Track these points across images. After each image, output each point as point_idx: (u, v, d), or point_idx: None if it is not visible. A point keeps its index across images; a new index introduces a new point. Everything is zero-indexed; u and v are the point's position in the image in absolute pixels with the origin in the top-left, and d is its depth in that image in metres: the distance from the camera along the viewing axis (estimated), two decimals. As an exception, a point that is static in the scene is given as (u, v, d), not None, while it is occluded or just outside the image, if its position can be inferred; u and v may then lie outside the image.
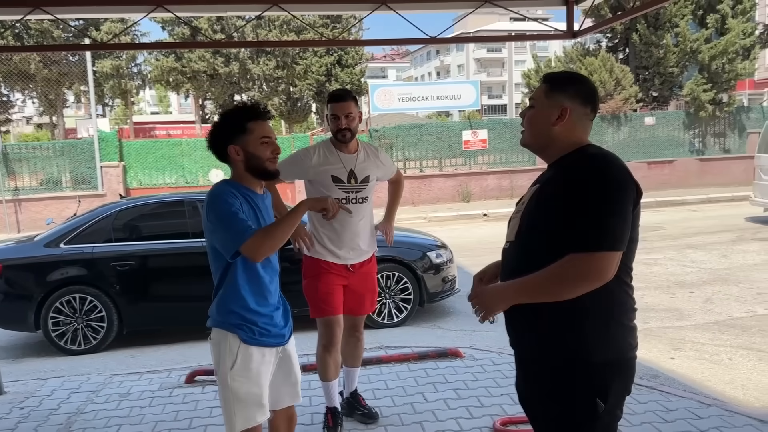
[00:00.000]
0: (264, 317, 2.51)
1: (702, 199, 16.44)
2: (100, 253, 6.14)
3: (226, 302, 2.47)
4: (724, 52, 19.13)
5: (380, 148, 3.90)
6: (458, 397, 4.23)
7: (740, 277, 7.84)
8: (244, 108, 2.53)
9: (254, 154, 2.47)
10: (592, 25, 4.74)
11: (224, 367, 2.45)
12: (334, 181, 3.57)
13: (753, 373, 4.72)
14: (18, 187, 15.92)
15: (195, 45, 17.25)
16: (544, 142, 2.05)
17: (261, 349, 2.50)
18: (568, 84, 2.03)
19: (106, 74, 32.71)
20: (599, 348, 1.90)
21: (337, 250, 3.60)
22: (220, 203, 2.39)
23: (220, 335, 2.48)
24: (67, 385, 4.87)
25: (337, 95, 3.62)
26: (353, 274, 3.69)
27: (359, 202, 3.64)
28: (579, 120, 2.01)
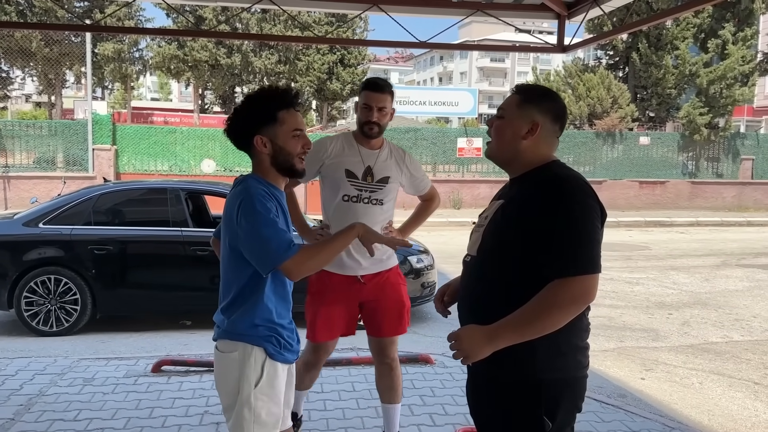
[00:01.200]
0: (287, 330, 2.27)
1: (691, 222, 16.51)
2: (78, 235, 6.08)
3: (252, 314, 2.18)
4: (722, 77, 19.23)
5: (408, 153, 3.41)
6: (423, 404, 4.21)
7: (720, 302, 7.85)
8: (276, 94, 2.21)
9: (284, 149, 2.19)
10: (582, 41, 4.74)
11: (247, 385, 2.16)
12: (347, 175, 3.13)
13: (721, 399, 4.71)
14: (8, 164, 15.83)
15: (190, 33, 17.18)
16: (510, 155, 2.01)
17: (284, 365, 2.27)
18: (541, 98, 1.99)
19: (108, 57, 32.60)
20: (549, 366, 1.88)
21: (344, 257, 3.13)
22: (256, 208, 2.08)
23: (243, 350, 2.18)
24: (32, 366, 4.82)
25: (374, 84, 3.14)
26: (365, 287, 3.20)
27: (372, 203, 3.16)
28: (548, 136, 1.98)
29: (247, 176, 2.25)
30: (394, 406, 3.45)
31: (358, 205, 3.14)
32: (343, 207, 3.15)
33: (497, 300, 1.92)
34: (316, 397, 4.30)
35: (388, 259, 3.28)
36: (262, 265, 2.10)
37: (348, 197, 3.13)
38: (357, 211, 3.12)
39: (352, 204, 3.14)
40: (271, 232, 2.06)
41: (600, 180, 18.60)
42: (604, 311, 7.29)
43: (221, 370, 2.23)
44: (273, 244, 2.05)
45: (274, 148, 2.19)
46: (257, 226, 2.07)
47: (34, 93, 49.94)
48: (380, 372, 3.41)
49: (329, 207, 3.22)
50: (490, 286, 1.95)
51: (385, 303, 3.23)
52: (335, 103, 36.90)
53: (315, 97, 35.55)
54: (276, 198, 2.21)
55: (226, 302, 2.23)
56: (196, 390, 4.37)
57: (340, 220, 3.10)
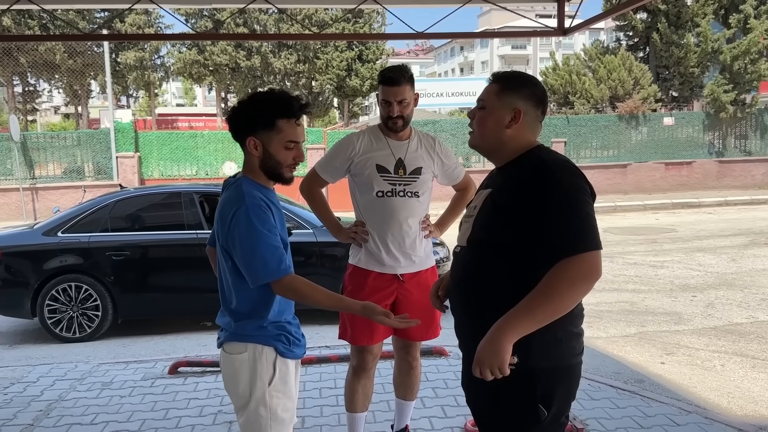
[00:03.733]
0: (293, 326, 2.29)
1: (719, 202, 16.17)
2: (96, 242, 6.19)
3: (260, 315, 2.18)
4: (746, 52, 18.75)
5: (438, 140, 3.25)
6: (435, 396, 4.20)
7: (747, 282, 7.68)
8: (279, 100, 2.15)
9: (274, 157, 2.17)
10: (582, 22, 4.65)
11: (261, 383, 2.17)
12: (379, 171, 3.00)
13: (743, 381, 4.61)
14: (35, 176, 16.18)
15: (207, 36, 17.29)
16: (494, 145, 1.98)
17: (293, 361, 2.27)
18: (521, 85, 1.95)
19: (130, 66, 33.12)
20: (544, 354, 1.85)
21: (383, 254, 3.03)
22: (252, 222, 2.07)
23: (253, 350, 2.17)
24: (54, 372, 4.93)
25: (389, 78, 2.95)
26: (403, 285, 3.07)
27: (408, 196, 3.02)
28: (531, 122, 1.95)
29: (240, 179, 2.22)
30: (408, 403, 3.43)
31: (395, 200, 3.01)
32: (378, 203, 3.02)
33: (488, 290, 1.91)
34: (330, 392, 4.33)
35: (427, 257, 3.17)
36: (251, 279, 2.11)
37: (382, 193, 3.01)
38: (395, 205, 3.01)
39: (387, 199, 3.01)
40: (267, 250, 2.07)
41: (625, 163, 18.31)
42: (627, 296, 7.18)
43: (230, 371, 2.23)
44: (266, 263, 2.07)
45: (264, 153, 2.17)
46: (253, 241, 2.07)
47: (62, 105, 50.98)
48: (400, 367, 3.34)
49: (363, 204, 3.09)
50: (480, 276, 1.93)
51: (416, 306, 3.05)
52: (356, 100, 36.96)
53: (335, 94, 35.63)
54: (269, 199, 2.20)
55: (231, 305, 2.23)
56: (212, 390, 4.42)
57: (378, 217, 3.03)
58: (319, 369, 4.78)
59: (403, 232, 3.04)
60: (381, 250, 3.05)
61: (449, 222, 3.37)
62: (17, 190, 15.50)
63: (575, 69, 20.86)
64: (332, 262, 6.23)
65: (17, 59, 28.81)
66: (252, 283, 2.11)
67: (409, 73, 3.01)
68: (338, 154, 3.09)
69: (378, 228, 3.05)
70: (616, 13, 4.32)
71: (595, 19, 4.52)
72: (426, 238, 3.15)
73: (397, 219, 3.02)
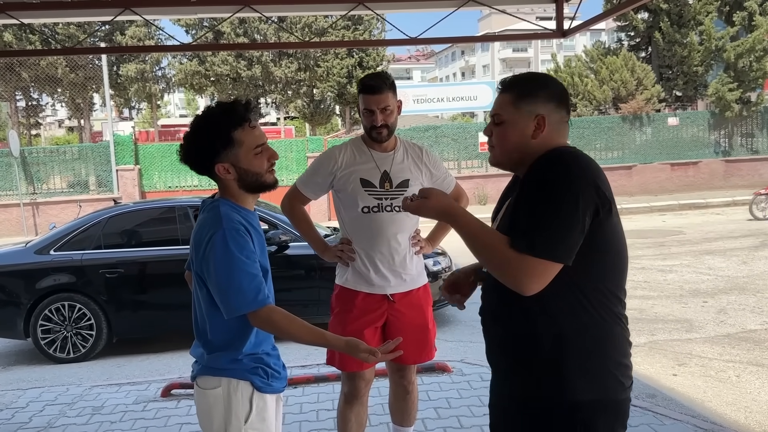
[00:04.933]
0: (272, 357, 2.13)
1: (727, 202, 15.94)
2: (89, 260, 6.05)
3: (235, 346, 2.03)
4: (751, 49, 18.53)
5: (426, 149, 3.09)
6: (438, 417, 4.02)
7: (759, 286, 7.47)
8: (225, 114, 1.99)
9: (250, 170, 2.01)
10: (581, 23, 4.49)
11: (236, 421, 2.01)
12: (364, 185, 2.84)
13: (760, 393, 4.41)
14: (36, 191, 16.09)
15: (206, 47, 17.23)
16: (519, 157, 1.78)
17: (272, 396, 2.11)
18: (537, 88, 1.76)
19: (131, 78, 33.14)
20: (582, 387, 1.67)
21: (372, 273, 2.87)
22: (230, 248, 1.92)
23: (228, 385, 2.02)
24: (44, 397, 4.77)
25: (370, 85, 2.80)
26: (394, 305, 2.91)
27: (396, 210, 2.86)
28: (557, 126, 1.75)
29: (217, 202, 2.05)
30: (406, 429, 3.24)
31: (382, 215, 2.84)
32: (365, 220, 2.85)
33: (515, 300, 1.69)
34: (327, 414, 4.15)
35: (419, 276, 3.00)
36: (225, 309, 1.95)
37: (368, 208, 2.84)
38: (382, 221, 2.84)
39: (374, 215, 2.84)
40: (243, 279, 1.92)
41: (630, 165, 18.09)
42: (635, 303, 6.99)
43: (204, 407, 2.07)
44: (242, 292, 1.92)
45: (239, 172, 2.01)
46: (229, 268, 1.91)
47: (65, 118, 51.13)
48: (395, 393, 3.17)
49: (349, 221, 2.92)
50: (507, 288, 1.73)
51: (408, 327, 2.90)
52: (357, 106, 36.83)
53: (337, 102, 35.57)
54: (247, 220, 2.04)
55: (205, 336, 2.07)
56: (205, 413, 4.24)
57: (365, 234, 2.87)
58: (317, 389, 4.61)
59: (392, 249, 2.87)
60: (369, 269, 2.88)
61: (441, 236, 3.18)
62: (18, 205, 15.41)
63: (577, 71, 20.68)
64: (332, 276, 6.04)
65: (19, 74, 28.85)
66: (226, 314, 1.95)
67: (391, 80, 2.86)
68: (320, 169, 2.94)
69: (365, 246, 2.88)
70: (616, 13, 4.16)
71: (595, 20, 4.35)
72: (417, 255, 2.98)
73: (385, 236, 2.86)
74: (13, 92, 30.96)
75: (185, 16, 9.13)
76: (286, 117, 38.99)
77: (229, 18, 4.44)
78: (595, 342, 1.67)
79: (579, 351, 1.66)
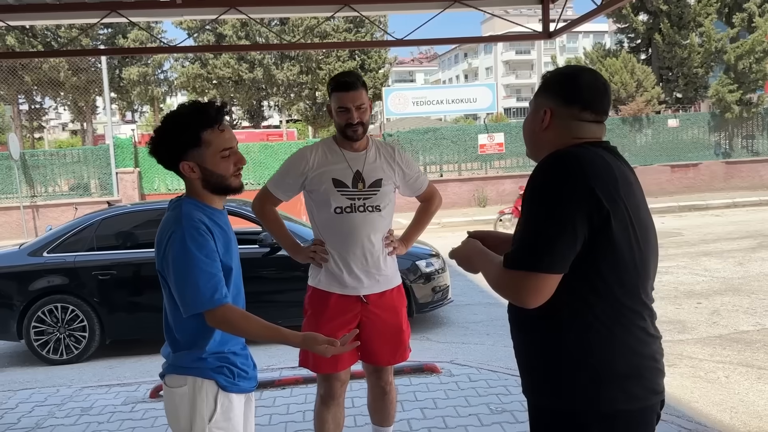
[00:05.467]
0: (240, 357, 2.13)
1: (727, 204, 15.91)
2: (82, 261, 6.07)
3: (199, 345, 2.04)
4: (751, 51, 18.51)
5: (400, 148, 3.07)
6: (423, 417, 4.02)
7: (754, 287, 7.46)
8: (196, 114, 2.02)
9: (214, 172, 2.03)
10: (566, 24, 4.49)
11: (200, 419, 2.02)
12: (336, 185, 2.81)
13: (748, 394, 4.40)
14: (36, 194, 16.15)
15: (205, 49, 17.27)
16: (535, 149, 1.79)
17: (239, 395, 2.12)
18: (552, 83, 1.76)
19: (133, 81, 33.27)
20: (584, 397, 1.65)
21: (345, 274, 2.85)
22: (188, 246, 1.93)
23: (193, 384, 2.03)
24: (34, 398, 4.79)
25: (345, 82, 2.78)
26: (367, 307, 2.89)
27: (369, 211, 2.84)
28: (567, 123, 1.71)
29: (181, 200, 2.08)
30: (386, 429, 3.24)
31: (355, 216, 2.82)
32: (337, 220, 2.83)
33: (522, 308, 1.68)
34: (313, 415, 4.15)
35: (393, 276, 2.98)
36: (182, 307, 1.97)
37: (341, 209, 2.82)
38: (355, 222, 2.82)
39: (346, 215, 2.82)
40: (201, 277, 1.93)
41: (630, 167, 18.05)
42: (629, 304, 6.98)
43: (171, 405, 2.09)
44: (198, 291, 1.92)
45: (203, 172, 2.03)
46: (187, 266, 1.93)
47: (68, 121, 51.32)
48: (373, 394, 3.16)
49: (321, 222, 2.90)
50: None
51: (382, 328, 2.92)
52: (360, 109, 36.88)
53: (339, 104, 35.60)
54: (212, 218, 2.06)
55: (171, 335, 2.09)
56: (192, 414, 4.25)
57: (338, 235, 2.84)
58: (305, 390, 4.61)
59: (365, 250, 2.85)
60: (342, 270, 2.86)
61: (414, 236, 3.17)
62: (18, 208, 15.47)
63: (577, 73, 20.67)
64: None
65: (22, 77, 28.97)
66: (183, 312, 1.96)
67: (362, 78, 2.87)
68: (291, 169, 2.90)
69: (338, 247, 2.86)
70: (601, 13, 4.16)
71: (580, 21, 4.35)
72: (390, 255, 2.97)
73: (359, 236, 2.83)
74: (15, 95, 31.06)
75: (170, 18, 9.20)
76: (289, 120, 39.05)
77: (217, 18, 4.46)
78: (593, 352, 1.63)
79: (575, 360, 1.64)
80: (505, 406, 4.11)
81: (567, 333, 1.64)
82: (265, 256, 5.98)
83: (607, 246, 1.58)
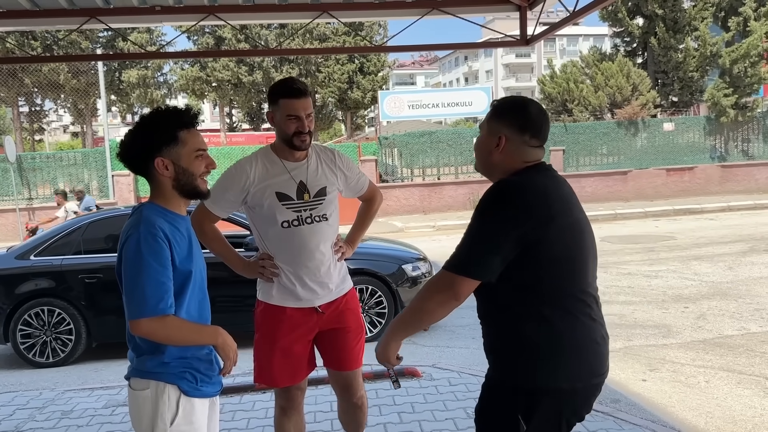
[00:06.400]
0: (204, 362, 2.15)
1: (722, 207, 15.90)
2: (68, 265, 6.09)
3: (161, 350, 2.05)
4: (745, 55, 18.53)
5: (338, 151, 3.02)
6: (400, 421, 4.04)
7: (741, 291, 7.47)
8: (174, 113, 2.08)
9: (187, 170, 2.07)
10: (544, 30, 4.51)
11: (162, 423, 2.05)
12: (280, 199, 2.71)
13: (726, 398, 4.42)
14: (32, 196, 16.19)
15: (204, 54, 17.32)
16: (487, 168, 2.08)
17: (203, 400, 2.14)
18: (506, 112, 2.03)
19: (133, 84, 33.34)
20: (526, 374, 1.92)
21: (298, 288, 2.77)
22: (141, 251, 1.96)
23: (155, 388, 2.05)
24: (16, 401, 4.81)
25: (296, 89, 2.67)
26: (323, 316, 2.84)
27: (317, 221, 2.77)
28: (517, 148, 1.99)
29: (143, 206, 2.10)
30: None
31: (303, 228, 2.74)
32: (286, 235, 2.74)
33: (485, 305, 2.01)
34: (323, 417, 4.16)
35: (342, 281, 2.92)
36: (128, 311, 1.98)
37: (288, 223, 2.73)
38: (304, 235, 2.75)
39: (295, 229, 2.74)
40: (149, 285, 1.94)
41: (625, 170, 18.10)
42: (616, 308, 6.99)
43: (134, 408, 2.12)
44: (145, 298, 1.94)
45: (176, 170, 2.08)
46: (138, 272, 1.95)
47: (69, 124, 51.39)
48: (347, 411, 3.09)
49: (269, 237, 2.79)
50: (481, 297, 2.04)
51: (345, 332, 2.89)
52: (358, 112, 36.98)
53: (338, 107, 35.66)
54: (174, 224, 2.08)
55: (132, 339, 2.10)
56: (172, 418, 4.27)
57: (288, 250, 2.76)
58: (314, 392, 4.61)
59: (317, 261, 2.79)
60: (295, 284, 2.78)
61: (359, 237, 3.16)
62: (14, 210, 15.51)
63: (573, 76, 20.70)
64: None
65: (22, 80, 29.05)
66: (128, 316, 1.97)
67: (307, 85, 2.79)
68: (231, 185, 2.76)
69: (289, 262, 2.78)
70: (576, 18, 4.18)
71: (557, 26, 4.37)
72: (339, 261, 2.93)
73: (309, 249, 2.77)
74: (15, 98, 31.13)
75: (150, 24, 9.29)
76: (288, 123, 39.02)
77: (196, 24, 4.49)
78: (541, 337, 1.89)
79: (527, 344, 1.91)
80: (482, 410, 4.13)
81: (521, 322, 1.91)
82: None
83: (546, 255, 1.88)
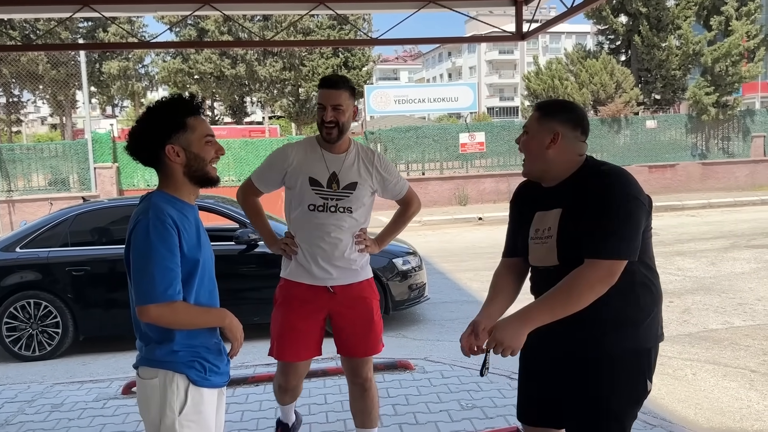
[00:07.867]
0: (212, 352, 2.15)
1: (703, 204, 16.14)
2: (55, 257, 6.02)
3: (170, 339, 2.06)
4: (727, 54, 18.78)
5: (380, 153, 3.20)
6: (395, 413, 4.06)
7: (724, 286, 7.59)
8: (181, 101, 2.11)
9: (198, 155, 2.08)
10: (540, 26, 4.55)
11: (171, 412, 2.04)
12: (311, 184, 2.92)
13: (714, 390, 4.50)
14: (11, 188, 15.94)
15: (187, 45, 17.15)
16: (542, 163, 2.18)
17: (211, 390, 2.14)
18: (558, 111, 2.19)
19: (114, 75, 32.92)
20: (649, 336, 2.13)
21: (313, 266, 2.95)
22: (150, 238, 1.96)
23: (164, 377, 2.06)
24: (4, 394, 4.75)
25: (327, 79, 2.91)
26: (336, 298, 2.99)
27: (340, 211, 2.94)
28: (570, 142, 2.15)
29: (152, 194, 2.11)
30: (369, 431, 3.24)
31: (322, 214, 2.93)
32: (309, 217, 2.95)
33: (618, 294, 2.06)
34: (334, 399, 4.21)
35: (362, 269, 3.06)
36: (136, 297, 2.00)
37: (314, 206, 2.93)
38: (320, 219, 2.93)
39: (318, 213, 2.93)
40: (158, 272, 1.95)
41: (608, 167, 18.26)
42: (602, 303, 7.07)
43: (143, 397, 2.12)
44: (154, 284, 1.95)
45: (188, 156, 2.08)
46: (147, 258, 1.96)
47: (47, 115, 50.66)
48: (353, 393, 3.20)
49: (294, 217, 3.02)
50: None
51: (354, 320, 3.02)
52: (343, 106, 36.85)
53: (322, 101, 35.50)
54: (184, 213, 2.08)
55: (140, 328, 2.11)
56: (164, 411, 4.25)
57: (307, 231, 2.97)
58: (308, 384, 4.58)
59: (331, 245, 2.96)
60: (310, 262, 2.98)
61: (389, 238, 3.27)
62: (-6, 203, 15.27)
63: (557, 73, 20.84)
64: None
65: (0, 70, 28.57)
66: (136, 302, 1.98)
67: (351, 83, 2.96)
68: (273, 164, 3.04)
69: (307, 241, 2.98)
70: (573, 15, 4.21)
71: (553, 22, 4.41)
72: (360, 252, 3.05)
73: (326, 232, 2.95)
74: (-7, 88, 30.63)
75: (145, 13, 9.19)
76: (272, 116, 38.90)
77: (191, 14, 4.45)
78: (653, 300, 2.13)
79: (647, 309, 2.12)
80: (476, 402, 4.17)
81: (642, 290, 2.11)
82: (241, 254, 5.98)
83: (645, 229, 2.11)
